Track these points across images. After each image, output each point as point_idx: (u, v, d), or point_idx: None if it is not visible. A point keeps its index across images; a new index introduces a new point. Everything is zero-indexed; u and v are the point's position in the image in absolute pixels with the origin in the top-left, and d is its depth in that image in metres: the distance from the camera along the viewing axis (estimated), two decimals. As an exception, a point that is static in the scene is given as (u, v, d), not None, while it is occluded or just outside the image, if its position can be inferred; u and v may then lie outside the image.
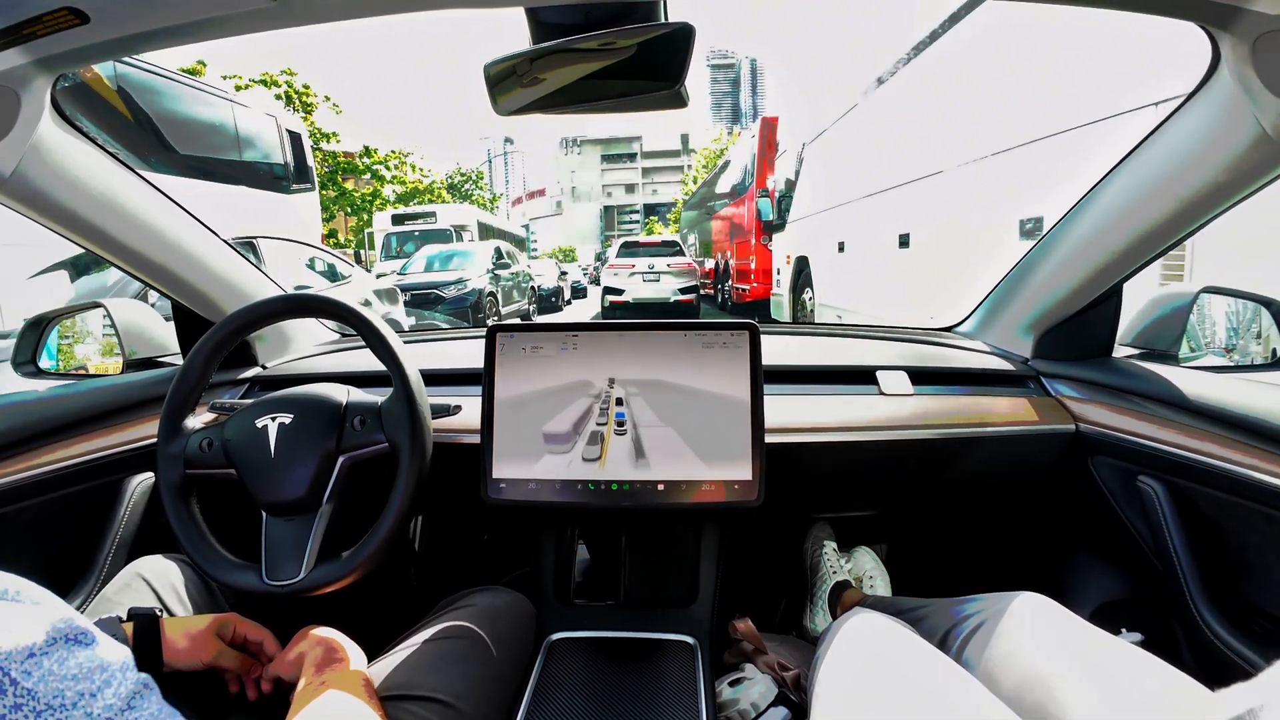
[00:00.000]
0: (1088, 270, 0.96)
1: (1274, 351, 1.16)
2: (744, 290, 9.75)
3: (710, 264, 13.15)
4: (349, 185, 18.24)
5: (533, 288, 11.06)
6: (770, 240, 8.40)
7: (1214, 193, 0.76)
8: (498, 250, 9.32)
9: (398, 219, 15.32)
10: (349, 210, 17.95)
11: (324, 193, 16.47)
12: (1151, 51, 2.16)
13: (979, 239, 3.30)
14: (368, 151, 18.91)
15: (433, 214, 15.46)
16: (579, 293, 19.35)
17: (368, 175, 18.88)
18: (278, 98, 15.21)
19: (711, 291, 12.49)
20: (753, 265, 9.21)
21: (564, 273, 16.90)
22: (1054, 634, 0.66)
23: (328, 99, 16.41)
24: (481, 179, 32.87)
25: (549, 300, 13.41)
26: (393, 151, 19.90)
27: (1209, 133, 0.72)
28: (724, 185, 12.12)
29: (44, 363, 1.17)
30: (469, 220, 16.05)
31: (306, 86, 15.81)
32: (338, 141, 17.19)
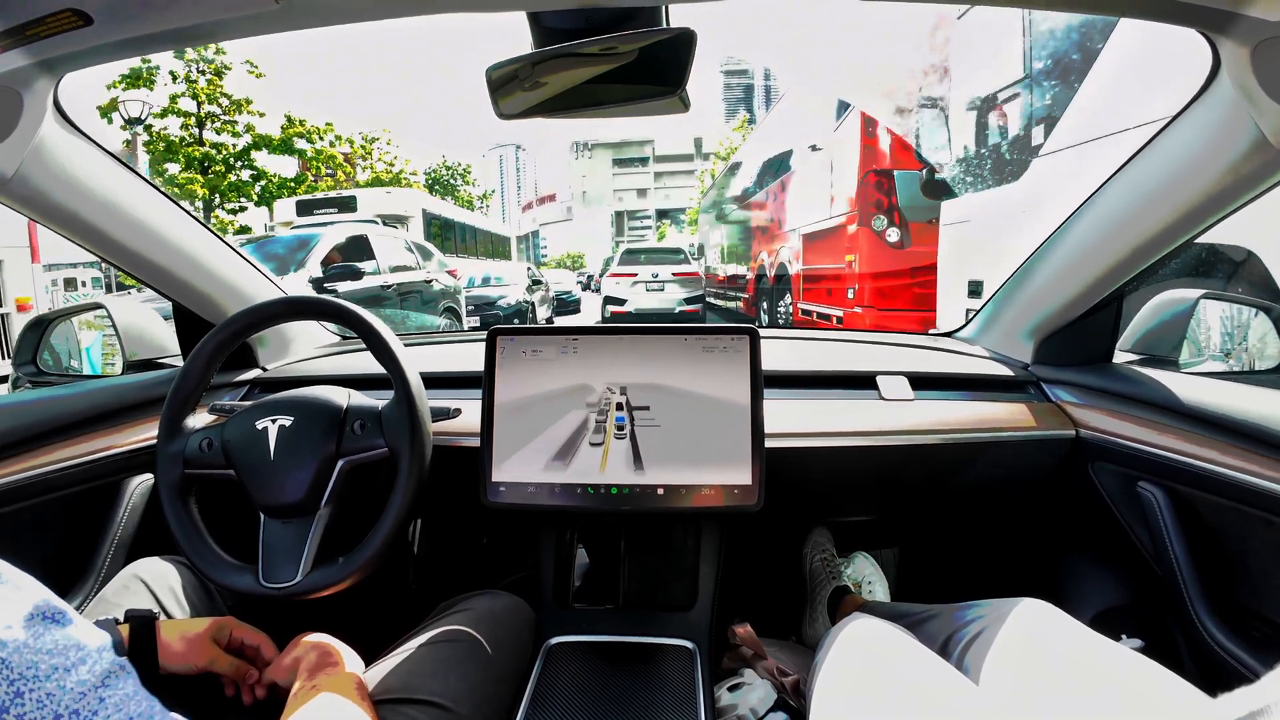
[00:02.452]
0: (1088, 276, 0.96)
1: (1274, 356, 1.16)
2: (833, 319, 5.47)
3: (737, 270, 9.82)
4: (267, 170, 14.17)
5: (452, 308, 6.98)
6: (901, 231, 4.62)
7: (1214, 198, 0.76)
8: (352, 242, 5.50)
9: (304, 207, 11.70)
10: (259, 199, 13.92)
11: (230, 177, 13.61)
12: None
13: None
14: (290, 122, 14.41)
15: (350, 199, 11.84)
16: (567, 307, 15.14)
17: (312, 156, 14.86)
18: (177, 56, 12.63)
19: (748, 310, 8.92)
20: (853, 267, 4.98)
21: (537, 281, 11.39)
22: (1055, 640, 0.66)
23: (248, 62, 13.43)
24: (469, 173, 29.05)
25: (509, 323, 7.36)
26: (328, 124, 15.10)
27: (1209, 139, 0.73)
28: (764, 158, 8.36)
29: (44, 363, 1.17)
30: (409, 209, 12.40)
31: (219, 49, 12.63)
32: (258, 115, 13.63)
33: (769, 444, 0.89)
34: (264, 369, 1.22)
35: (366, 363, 1.11)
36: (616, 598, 1.02)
